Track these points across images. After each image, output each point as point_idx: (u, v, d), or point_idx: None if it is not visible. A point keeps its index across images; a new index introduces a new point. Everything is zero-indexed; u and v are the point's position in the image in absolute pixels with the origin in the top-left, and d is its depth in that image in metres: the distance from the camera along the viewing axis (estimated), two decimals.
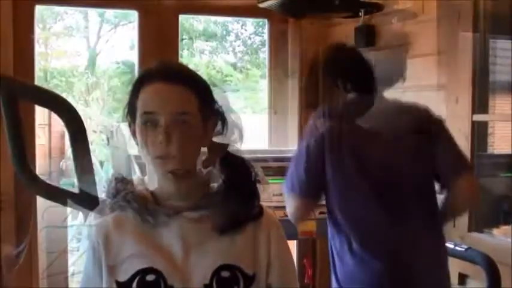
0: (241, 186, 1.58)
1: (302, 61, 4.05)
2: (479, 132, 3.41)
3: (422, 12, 3.47)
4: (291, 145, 3.97)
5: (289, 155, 2.66)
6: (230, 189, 1.57)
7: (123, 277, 1.49)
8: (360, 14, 3.66)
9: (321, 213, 2.77)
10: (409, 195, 2.35)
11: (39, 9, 3.51)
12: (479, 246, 2.94)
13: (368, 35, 3.66)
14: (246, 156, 1.64)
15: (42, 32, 12.07)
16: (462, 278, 3.22)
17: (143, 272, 1.48)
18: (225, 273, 1.48)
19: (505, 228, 3.20)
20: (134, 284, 1.47)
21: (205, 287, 1.47)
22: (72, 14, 12.84)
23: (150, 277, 1.47)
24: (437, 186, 2.48)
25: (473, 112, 3.21)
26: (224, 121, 1.62)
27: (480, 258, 2.81)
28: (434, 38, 3.46)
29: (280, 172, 3.45)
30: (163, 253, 1.50)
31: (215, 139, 1.62)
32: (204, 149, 1.61)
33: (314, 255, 3.76)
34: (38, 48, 11.58)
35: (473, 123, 3.22)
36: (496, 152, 3.97)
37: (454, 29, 3.29)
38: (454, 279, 3.20)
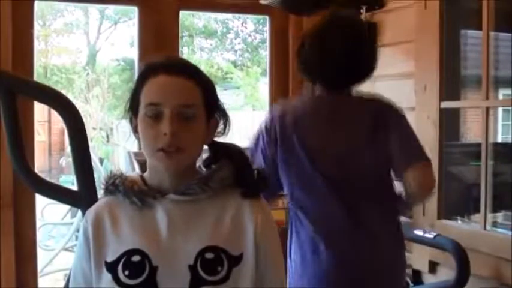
0: (233, 162, 1.60)
1: None
2: (451, 122, 3.47)
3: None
4: None
5: None
6: (223, 166, 1.59)
7: (110, 257, 1.52)
8: (362, 10, 3.65)
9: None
10: (363, 184, 2.32)
11: (40, 6, 3.49)
12: (449, 233, 2.95)
13: (369, 32, 3.64)
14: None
15: (42, 29, 12.10)
16: (433, 266, 3.24)
17: (129, 253, 1.51)
18: (209, 255, 1.49)
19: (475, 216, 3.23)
20: (120, 265, 1.50)
21: (189, 267, 1.48)
22: (72, 11, 12.88)
23: (135, 258, 1.50)
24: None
25: (441, 99, 3.24)
26: (227, 120, 1.62)
27: (449, 244, 2.83)
28: (402, 27, 3.49)
29: None
30: (149, 234, 1.52)
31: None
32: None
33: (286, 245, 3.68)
34: (38, 45, 11.64)
35: (441, 110, 3.25)
36: (466, 141, 4.04)
37: (422, 17, 3.34)
38: (424, 268, 3.22)
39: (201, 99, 1.52)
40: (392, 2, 3.58)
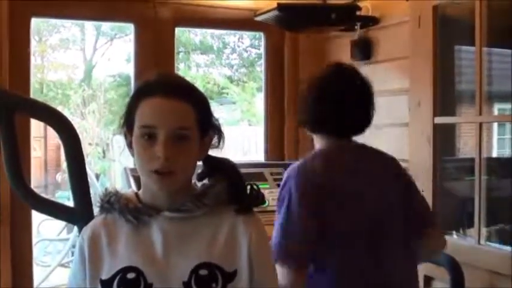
0: (227, 179, 1.61)
1: (298, 74, 4.06)
2: (445, 138, 3.48)
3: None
4: (287, 158, 3.96)
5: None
6: (217, 182, 1.61)
7: (106, 275, 1.53)
8: (356, 27, 3.67)
9: None
10: (387, 235, 2.32)
11: (36, 22, 3.50)
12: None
13: (364, 49, 3.67)
14: (242, 169, 1.65)
15: (39, 45, 12.11)
16: (428, 280, 3.23)
17: (124, 271, 1.52)
18: (203, 272, 1.50)
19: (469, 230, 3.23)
20: (116, 282, 1.51)
21: (184, 284, 1.49)
22: (69, 27, 12.91)
23: (130, 275, 1.51)
24: None
25: (435, 115, 3.25)
26: (221, 135, 1.63)
27: (443, 259, 2.82)
28: (397, 43, 3.51)
29: (277, 185, 3.48)
30: (144, 252, 1.53)
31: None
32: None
33: None
34: (35, 61, 11.67)
35: (435, 126, 3.25)
36: (462, 155, 4.06)
37: (415, 34, 3.34)
38: (419, 282, 3.22)
39: (195, 120, 1.53)
40: (387, 19, 3.60)
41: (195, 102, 1.55)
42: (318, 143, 2.41)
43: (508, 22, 3.27)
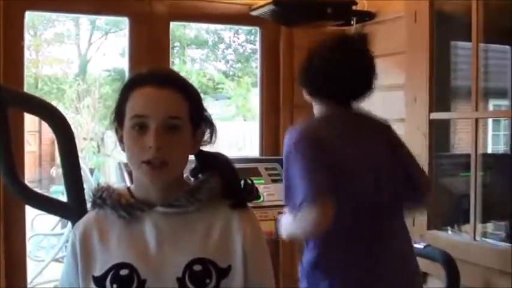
0: (220, 173, 1.60)
1: (294, 69, 4.04)
2: (441, 133, 3.51)
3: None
4: (282, 153, 3.94)
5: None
6: (210, 177, 1.59)
7: (98, 272, 1.52)
8: (352, 22, 3.66)
9: (279, 213, 2.57)
10: (391, 202, 2.35)
11: (31, 16, 3.48)
12: (438, 244, 2.95)
13: (360, 43, 3.65)
14: (237, 164, 1.64)
15: (33, 39, 12.08)
16: (423, 277, 3.22)
17: (117, 267, 1.50)
18: (197, 267, 1.49)
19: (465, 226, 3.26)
20: (109, 279, 1.50)
21: (177, 280, 1.48)
22: (64, 21, 12.88)
23: (123, 271, 1.49)
24: None
25: (431, 111, 3.26)
26: (213, 130, 1.61)
27: (439, 255, 2.84)
28: (393, 38, 3.51)
29: (272, 180, 3.47)
30: (137, 248, 1.52)
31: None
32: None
33: (277, 256, 3.70)
34: (29, 55, 11.63)
35: (430, 121, 3.27)
36: (457, 151, 4.08)
37: (412, 29, 3.35)
38: None
39: (187, 111, 1.52)
40: (383, 14, 3.59)
41: (187, 92, 1.54)
42: (317, 110, 2.41)
43: (504, 18, 3.27)
